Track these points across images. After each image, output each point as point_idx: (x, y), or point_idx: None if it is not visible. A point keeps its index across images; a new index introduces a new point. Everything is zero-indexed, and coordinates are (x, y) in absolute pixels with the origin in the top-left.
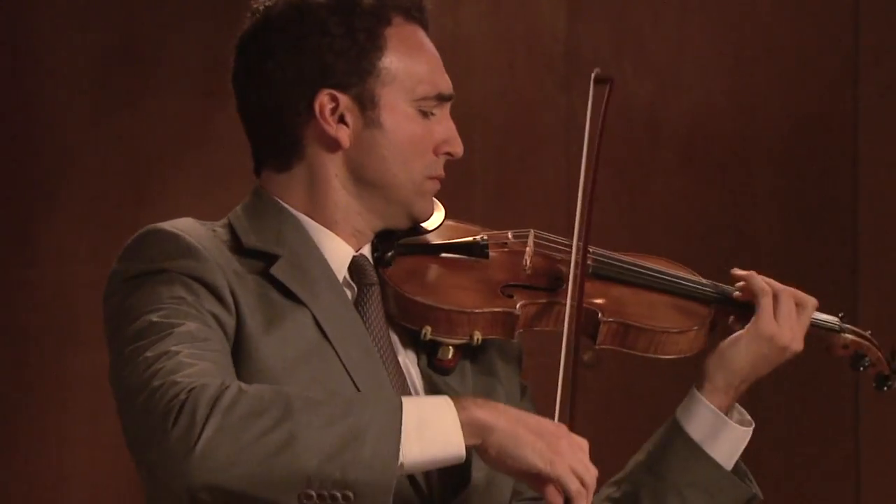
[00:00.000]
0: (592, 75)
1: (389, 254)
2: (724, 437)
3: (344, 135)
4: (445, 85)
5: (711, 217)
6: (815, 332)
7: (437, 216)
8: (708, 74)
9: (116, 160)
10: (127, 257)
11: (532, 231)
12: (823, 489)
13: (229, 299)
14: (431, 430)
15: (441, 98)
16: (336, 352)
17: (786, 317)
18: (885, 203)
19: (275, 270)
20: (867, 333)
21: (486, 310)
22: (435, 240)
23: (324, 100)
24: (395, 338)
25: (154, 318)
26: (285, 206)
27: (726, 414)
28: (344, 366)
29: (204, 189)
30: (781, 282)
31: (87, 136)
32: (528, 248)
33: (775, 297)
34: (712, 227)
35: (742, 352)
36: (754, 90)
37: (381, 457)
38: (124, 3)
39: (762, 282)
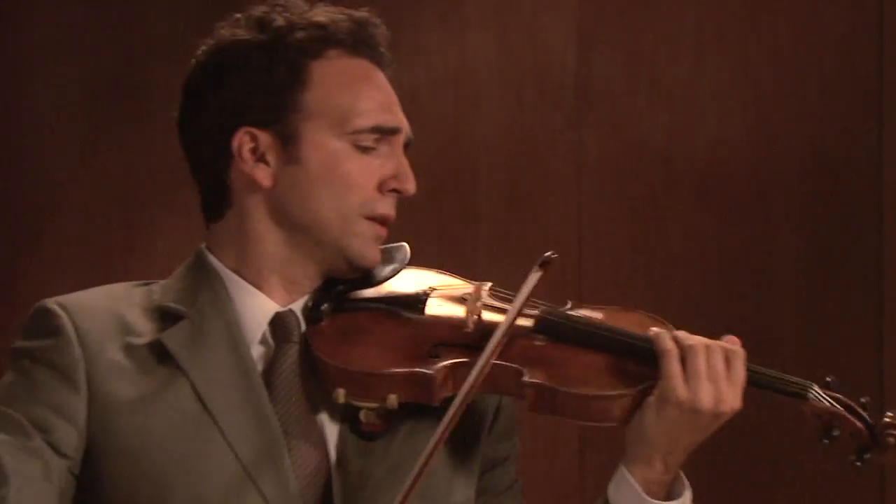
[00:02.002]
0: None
1: (324, 307)
2: None
3: (263, 174)
4: (389, 119)
5: (728, 258)
6: (780, 398)
7: (392, 266)
8: (725, 108)
9: (104, 197)
10: (21, 331)
11: (488, 285)
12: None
13: (79, 378)
14: None
15: (379, 131)
16: (216, 423)
17: (701, 377)
18: None
19: (165, 336)
20: (851, 402)
21: (398, 370)
22: (378, 292)
23: (242, 138)
24: (321, 399)
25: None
26: (215, 263)
27: (670, 485)
28: (225, 438)
29: (194, 227)
30: (804, 328)
31: (74, 173)
32: (470, 306)
33: (685, 357)
34: (729, 270)
35: (650, 422)
36: (774, 125)
37: None
38: (113, 34)
39: (667, 341)
